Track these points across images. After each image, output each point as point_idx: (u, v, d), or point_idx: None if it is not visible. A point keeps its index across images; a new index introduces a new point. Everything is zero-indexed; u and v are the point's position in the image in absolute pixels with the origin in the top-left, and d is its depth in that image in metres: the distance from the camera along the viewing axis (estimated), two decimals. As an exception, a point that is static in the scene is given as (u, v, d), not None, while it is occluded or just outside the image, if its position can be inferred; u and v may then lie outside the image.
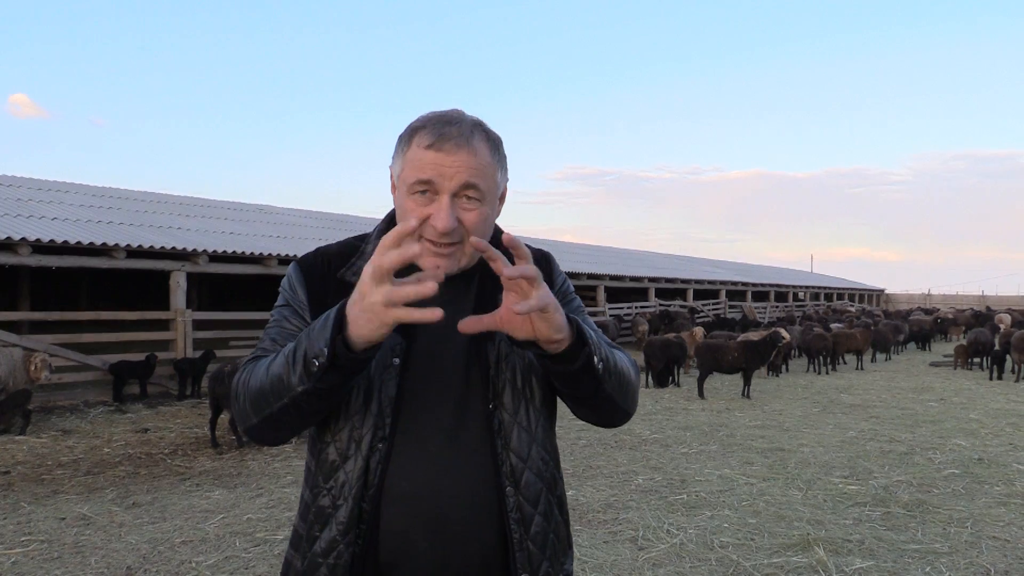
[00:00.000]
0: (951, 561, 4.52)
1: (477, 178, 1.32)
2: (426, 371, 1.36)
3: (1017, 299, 55.34)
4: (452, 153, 1.30)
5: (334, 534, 1.33)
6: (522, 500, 1.36)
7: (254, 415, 1.30)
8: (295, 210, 23.06)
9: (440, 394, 1.36)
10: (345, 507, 1.32)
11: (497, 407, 1.37)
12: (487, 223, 1.37)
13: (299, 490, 1.47)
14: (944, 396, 11.82)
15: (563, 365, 1.26)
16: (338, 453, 1.35)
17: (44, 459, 7.26)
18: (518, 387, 1.39)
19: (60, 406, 10.17)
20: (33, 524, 5.18)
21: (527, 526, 1.36)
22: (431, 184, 1.30)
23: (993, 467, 6.94)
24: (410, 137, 1.35)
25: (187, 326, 11.98)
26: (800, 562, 4.48)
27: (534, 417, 1.40)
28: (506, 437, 1.37)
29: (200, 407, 10.39)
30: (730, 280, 32.97)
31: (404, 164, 1.35)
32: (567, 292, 1.53)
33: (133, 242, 11.49)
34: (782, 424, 9.20)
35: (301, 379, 1.19)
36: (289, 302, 1.43)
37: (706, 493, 5.97)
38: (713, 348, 12.00)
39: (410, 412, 1.35)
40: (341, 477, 1.34)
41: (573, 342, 1.24)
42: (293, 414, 1.26)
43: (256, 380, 1.29)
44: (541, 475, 1.40)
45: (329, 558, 1.33)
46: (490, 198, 1.36)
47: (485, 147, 1.35)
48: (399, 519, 1.33)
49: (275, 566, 4.39)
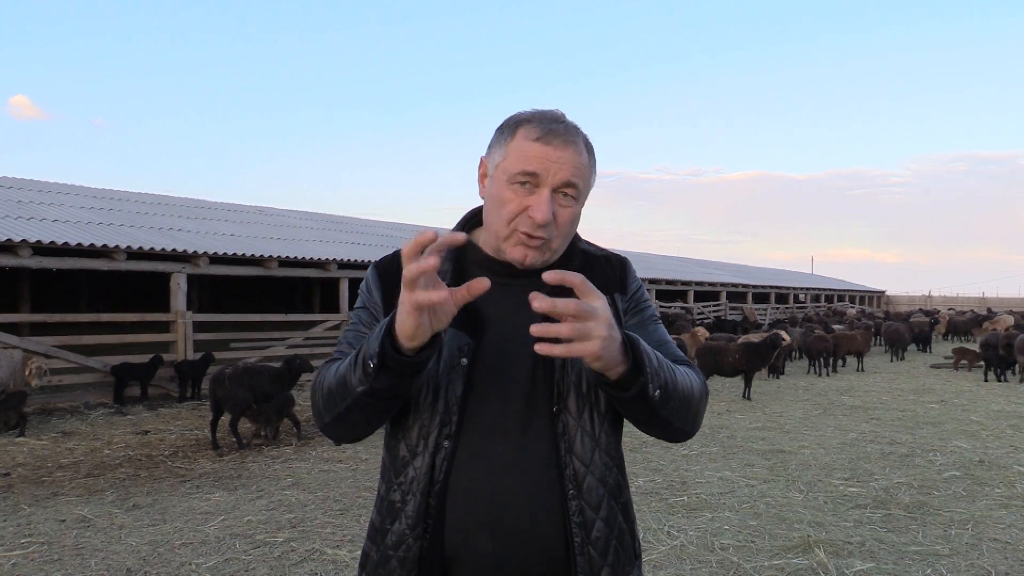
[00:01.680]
0: (952, 563, 4.51)
1: (578, 177, 1.35)
2: (494, 371, 1.37)
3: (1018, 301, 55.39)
4: (560, 148, 1.33)
5: (403, 527, 1.36)
6: (584, 504, 1.36)
7: (326, 414, 1.35)
8: (295, 212, 23.05)
9: (506, 394, 1.37)
10: (413, 502, 1.36)
11: (562, 410, 1.37)
12: (576, 222, 1.41)
13: (298, 493, 1.48)
14: (945, 398, 11.80)
15: (615, 391, 1.27)
16: (408, 449, 1.38)
17: (44, 461, 7.25)
18: (583, 391, 1.38)
19: (60, 408, 10.17)
20: (33, 526, 5.18)
21: (588, 531, 1.36)
22: (535, 176, 1.33)
23: (994, 469, 6.93)
24: (515, 128, 1.37)
25: (187, 328, 11.98)
26: (801, 564, 4.48)
27: (598, 422, 1.40)
28: (570, 441, 1.37)
29: (200, 409, 10.39)
30: (730, 282, 32.94)
31: (507, 153, 1.36)
32: (640, 300, 1.52)
33: (133, 244, 11.49)
34: (783, 426, 9.19)
35: (360, 380, 1.24)
36: (366, 304, 1.48)
37: (706, 495, 5.97)
38: (714, 350, 11.99)
39: (476, 411, 1.37)
40: (411, 473, 1.37)
41: (628, 371, 1.24)
42: (358, 414, 1.30)
43: (328, 381, 1.34)
44: (604, 480, 1.39)
45: (399, 551, 1.36)
46: (583, 199, 1.40)
47: (585, 148, 1.39)
48: (463, 516, 1.34)
49: (275, 568, 4.39)
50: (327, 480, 6.45)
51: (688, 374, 1.40)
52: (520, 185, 1.34)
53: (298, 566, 4.43)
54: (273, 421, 8.05)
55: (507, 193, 1.35)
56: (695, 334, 15.12)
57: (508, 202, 1.34)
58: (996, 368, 14.30)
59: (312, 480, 6.45)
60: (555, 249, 1.39)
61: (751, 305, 32.18)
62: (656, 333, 1.50)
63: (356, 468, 6.88)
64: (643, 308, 1.52)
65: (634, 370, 1.23)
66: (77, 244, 10.74)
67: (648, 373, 1.24)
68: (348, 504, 5.69)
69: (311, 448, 7.79)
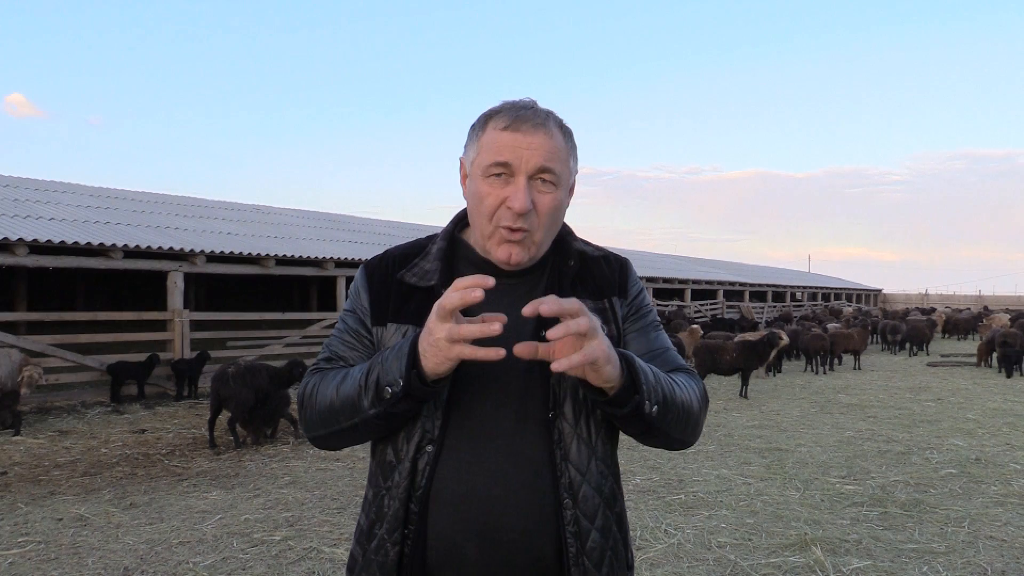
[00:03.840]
0: (948, 561, 4.53)
1: (553, 162, 1.33)
2: (482, 375, 1.33)
3: (1014, 299, 55.45)
4: (529, 134, 1.31)
5: (383, 532, 1.35)
6: (579, 514, 1.33)
7: (322, 428, 1.36)
8: (293, 210, 23.01)
9: (495, 398, 1.34)
10: (393, 507, 1.34)
11: (557, 416, 1.34)
12: (559, 210, 1.37)
13: (295, 491, 1.49)
14: (941, 396, 11.83)
15: (611, 408, 1.26)
16: (393, 453, 1.37)
17: (41, 460, 7.24)
18: (580, 398, 1.35)
19: (57, 407, 10.16)
20: (30, 525, 5.17)
21: (583, 541, 1.33)
22: (508, 166, 1.31)
23: (990, 467, 6.95)
24: (485, 122, 1.37)
25: (184, 326, 11.97)
26: (797, 562, 4.48)
27: (595, 430, 1.37)
28: (565, 448, 1.34)
29: (197, 408, 10.38)
30: (727, 280, 32.96)
31: (479, 148, 1.35)
32: (641, 305, 1.48)
33: (130, 242, 11.47)
34: (780, 424, 9.21)
35: (373, 403, 1.24)
36: (354, 307, 1.46)
37: (704, 493, 5.98)
38: (711, 348, 12.01)
39: (462, 415, 1.34)
40: (395, 477, 1.35)
41: (623, 388, 1.23)
42: (362, 431, 1.32)
43: (325, 397, 1.34)
44: (600, 490, 1.36)
45: (378, 555, 1.35)
46: (563, 184, 1.37)
47: (559, 132, 1.36)
48: (447, 523, 1.32)
49: (272, 567, 4.39)
50: (324, 479, 6.45)
51: (688, 385, 1.38)
52: (496, 177, 1.32)
53: (295, 564, 4.43)
54: (263, 430, 8.04)
55: (484, 187, 1.33)
56: (692, 332, 15.13)
57: (486, 196, 1.32)
58: (1005, 364, 14.60)
59: (309, 479, 6.45)
60: (538, 242, 1.35)
61: (748, 303, 32.21)
62: (657, 340, 1.47)
63: (353, 467, 6.88)
64: (644, 314, 1.48)
65: (629, 387, 1.23)
66: (74, 243, 10.71)
67: (644, 391, 1.24)
68: (345, 503, 5.69)
69: (308, 447, 7.78)
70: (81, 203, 14.83)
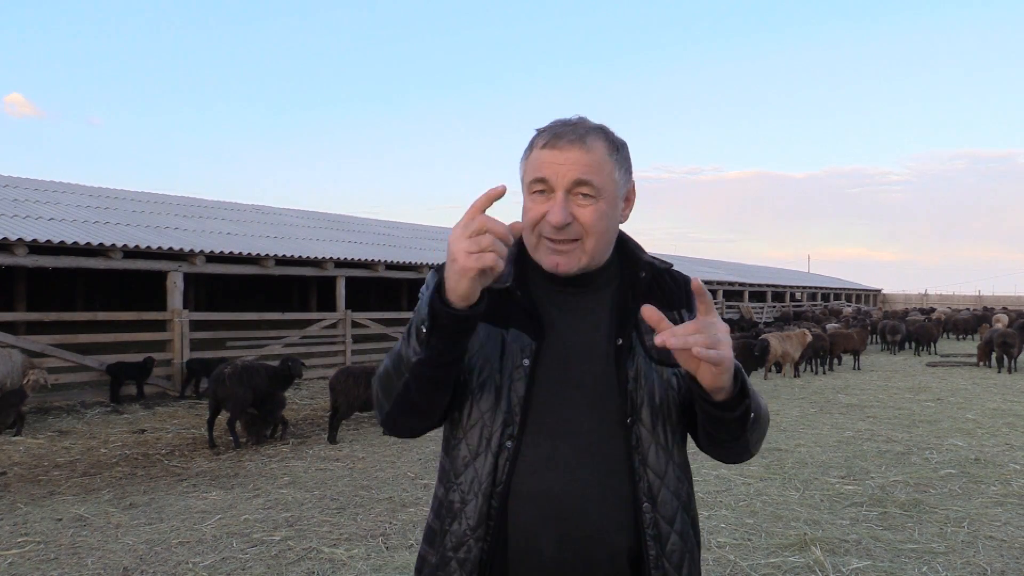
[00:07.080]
0: (948, 561, 4.53)
1: (590, 175, 1.35)
2: (559, 375, 1.37)
3: (1013, 299, 55.49)
4: (565, 150, 1.35)
5: (464, 529, 1.35)
6: (659, 517, 1.36)
7: (386, 401, 1.35)
8: (292, 210, 23.02)
9: (573, 400, 1.37)
10: (474, 503, 1.35)
11: (636, 422, 1.37)
12: (605, 221, 1.38)
13: (295, 491, 1.48)
14: (941, 396, 11.83)
15: (720, 411, 1.29)
16: (469, 450, 1.38)
17: (41, 460, 7.24)
18: (656, 403, 1.39)
19: (57, 407, 10.15)
20: (29, 525, 5.17)
21: (663, 544, 1.36)
22: (546, 182, 1.35)
23: (990, 467, 6.95)
24: (532, 143, 1.42)
25: (184, 326, 11.96)
26: (797, 562, 4.49)
27: (670, 435, 1.40)
28: (643, 453, 1.37)
29: (197, 408, 10.38)
30: (727, 280, 32.97)
31: (526, 167, 1.41)
32: None
33: (130, 243, 11.47)
34: (779, 424, 9.20)
35: (415, 350, 1.25)
36: None
37: (703, 493, 5.98)
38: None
39: (540, 413, 1.36)
40: (471, 474, 1.37)
41: (736, 394, 1.27)
42: (415, 392, 1.29)
43: (384, 365, 1.35)
44: (678, 494, 1.40)
45: (459, 553, 1.35)
46: (607, 196, 1.38)
47: (601, 145, 1.38)
48: (527, 518, 1.34)
49: (272, 567, 4.39)
50: (324, 479, 6.45)
51: (761, 399, 1.43)
52: (539, 194, 1.37)
53: (295, 564, 4.43)
54: (261, 430, 8.05)
55: (528, 203, 1.39)
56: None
57: (529, 211, 1.38)
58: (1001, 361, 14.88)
59: (309, 479, 6.45)
60: (590, 251, 1.37)
61: (748, 304, 32.21)
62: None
63: (353, 467, 6.88)
64: None
65: (740, 392, 1.28)
66: (73, 243, 10.72)
67: (752, 397, 1.29)
68: (345, 503, 5.70)
69: (308, 447, 7.79)
70: (81, 203, 14.84)
